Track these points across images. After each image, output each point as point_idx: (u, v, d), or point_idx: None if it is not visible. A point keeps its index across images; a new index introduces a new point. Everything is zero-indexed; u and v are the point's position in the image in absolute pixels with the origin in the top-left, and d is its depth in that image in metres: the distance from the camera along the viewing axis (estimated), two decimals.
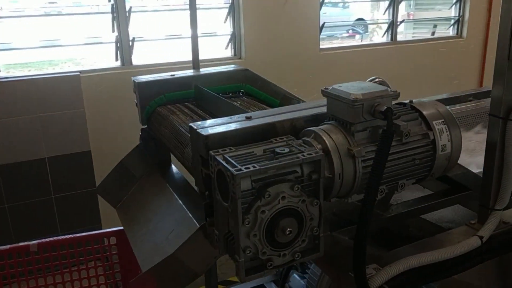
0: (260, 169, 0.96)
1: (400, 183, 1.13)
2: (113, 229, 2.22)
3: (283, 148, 1.05)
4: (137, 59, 3.56)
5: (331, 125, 1.11)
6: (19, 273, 2.17)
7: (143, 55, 3.66)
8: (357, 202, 1.18)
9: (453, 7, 4.73)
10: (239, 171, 0.95)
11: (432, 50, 4.54)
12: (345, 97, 1.06)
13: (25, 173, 3.15)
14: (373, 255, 1.19)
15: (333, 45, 4.71)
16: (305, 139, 1.11)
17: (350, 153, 1.05)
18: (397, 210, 1.39)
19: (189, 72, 2.01)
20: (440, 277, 1.21)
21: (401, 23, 4.41)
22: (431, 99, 1.73)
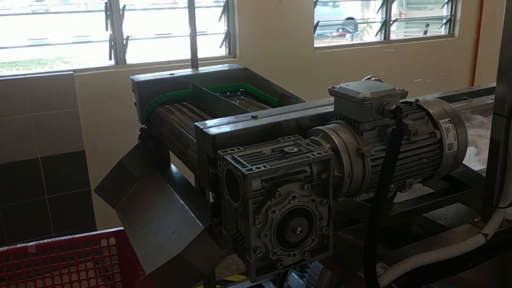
0: (271, 169, 0.95)
1: (407, 182, 1.13)
2: (112, 230, 2.20)
3: (291, 147, 1.05)
4: (130, 58, 3.52)
5: (339, 124, 1.11)
6: (17, 275, 2.14)
7: (135, 54, 3.62)
8: (363, 202, 1.18)
9: (445, 6, 4.77)
10: (250, 170, 0.94)
11: (424, 49, 4.57)
12: (353, 96, 1.06)
13: (18, 174, 3.11)
14: (379, 253, 1.18)
15: (326, 44, 4.72)
16: (313, 138, 1.10)
17: (359, 152, 1.04)
18: (400, 208, 1.39)
19: (188, 71, 2.00)
20: (445, 275, 1.22)
21: (394, 22, 4.43)
22: (424, 98, 1.74)
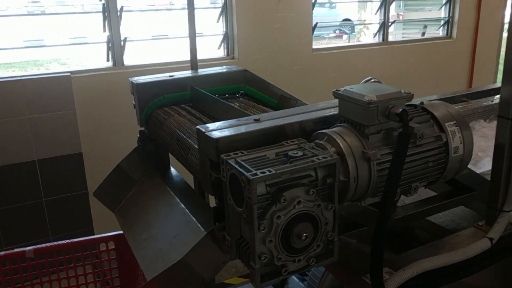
0: (276, 173, 0.94)
1: (413, 186, 1.12)
2: (111, 234, 2.17)
3: (296, 151, 1.03)
4: (127, 59, 3.50)
5: (344, 127, 1.09)
6: (15, 280, 2.10)
7: (133, 55, 3.60)
8: (367, 205, 1.16)
9: (443, 8, 4.77)
10: (255, 175, 0.92)
11: (422, 50, 4.57)
12: (359, 99, 1.05)
13: (14, 176, 3.08)
14: (384, 258, 1.17)
15: (324, 45, 4.71)
16: (318, 142, 1.09)
17: (365, 156, 1.03)
18: (403, 212, 1.38)
19: (187, 73, 1.98)
20: (451, 280, 1.20)
21: (392, 23, 4.43)
22: (423, 99, 1.73)
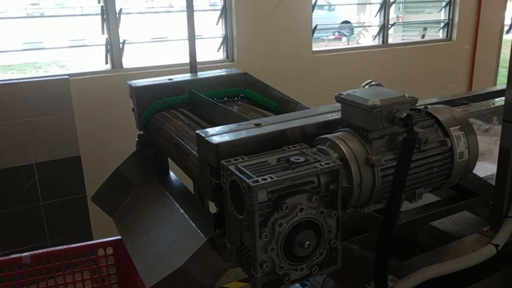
0: (277, 180, 0.91)
1: (417, 191, 1.10)
2: (110, 239, 2.13)
3: (298, 157, 1.01)
4: (126, 61, 3.47)
5: (347, 132, 1.07)
6: (11, 286, 2.06)
7: (131, 58, 3.57)
8: (371, 212, 1.14)
9: (443, 10, 4.75)
10: (256, 182, 0.90)
11: (422, 52, 4.55)
12: (362, 103, 1.02)
13: (12, 180, 3.04)
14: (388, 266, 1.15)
15: (323, 47, 4.70)
16: (320, 147, 1.06)
17: (368, 161, 1.01)
18: (406, 218, 1.36)
19: (187, 76, 1.95)
20: (456, 287, 1.18)
21: (392, 26, 4.41)
22: (424, 102, 1.71)
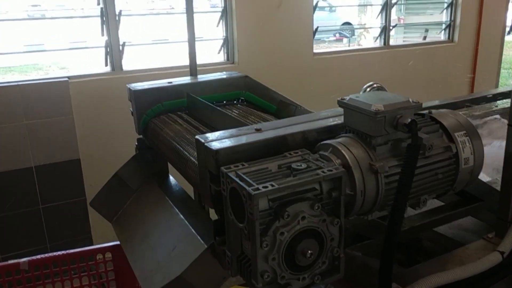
0: (279, 188, 0.89)
1: (422, 198, 1.07)
2: (108, 244, 2.11)
3: (299, 163, 0.98)
4: (126, 64, 3.45)
5: (350, 138, 1.05)
6: None
7: (132, 60, 3.55)
8: (376, 218, 1.12)
9: (444, 11, 4.73)
10: (256, 190, 0.87)
11: (424, 54, 4.53)
12: (365, 109, 1.00)
13: (11, 183, 3.02)
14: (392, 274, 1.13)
15: (325, 49, 4.67)
16: (322, 154, 1.04)
17: (372, 168, 0.98)
18: (410, 224, 1.33)
19: (186, 79, 1.93)
20: None
21: (393, 27, 4.39)
22: (426, 105, 1.68)
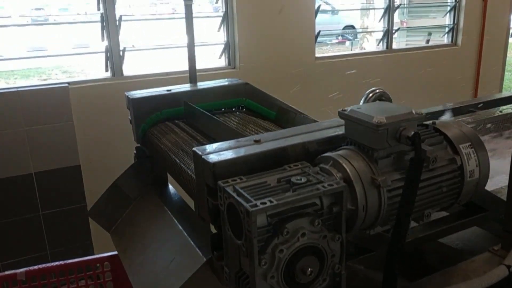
0: (277, 204, 0.86)
1: (425, 212, 1.04)
2: (107, 254, 2.08)
3: (299, 177, 0.96)
4: (127, 69, 3.43)
5: (351, 150, 1.02)
6: None
7: (131, 65, 3.53)
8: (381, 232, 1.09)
9: (448, 15, 4.69)
10: (254, 206, 0.85)
11: (427, 58, 4.49)
12: (367, 121, 0.97)
13: (11, 189, 3.00)
14: None
15: (327, 53, 4.64)
16: (323, 167, 1.01)
17: (374, 182, 0.95)
18: (413, 235, 1.30)
19: (186, 86, 1.91)
20: None
21: (396, 31, 4.36)
22: (429, 110, 1.65)
